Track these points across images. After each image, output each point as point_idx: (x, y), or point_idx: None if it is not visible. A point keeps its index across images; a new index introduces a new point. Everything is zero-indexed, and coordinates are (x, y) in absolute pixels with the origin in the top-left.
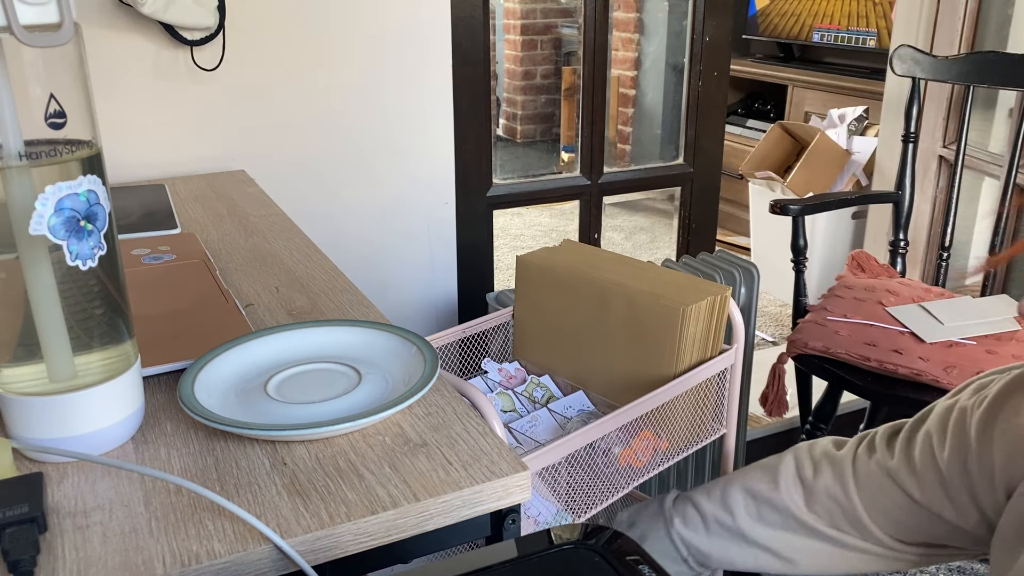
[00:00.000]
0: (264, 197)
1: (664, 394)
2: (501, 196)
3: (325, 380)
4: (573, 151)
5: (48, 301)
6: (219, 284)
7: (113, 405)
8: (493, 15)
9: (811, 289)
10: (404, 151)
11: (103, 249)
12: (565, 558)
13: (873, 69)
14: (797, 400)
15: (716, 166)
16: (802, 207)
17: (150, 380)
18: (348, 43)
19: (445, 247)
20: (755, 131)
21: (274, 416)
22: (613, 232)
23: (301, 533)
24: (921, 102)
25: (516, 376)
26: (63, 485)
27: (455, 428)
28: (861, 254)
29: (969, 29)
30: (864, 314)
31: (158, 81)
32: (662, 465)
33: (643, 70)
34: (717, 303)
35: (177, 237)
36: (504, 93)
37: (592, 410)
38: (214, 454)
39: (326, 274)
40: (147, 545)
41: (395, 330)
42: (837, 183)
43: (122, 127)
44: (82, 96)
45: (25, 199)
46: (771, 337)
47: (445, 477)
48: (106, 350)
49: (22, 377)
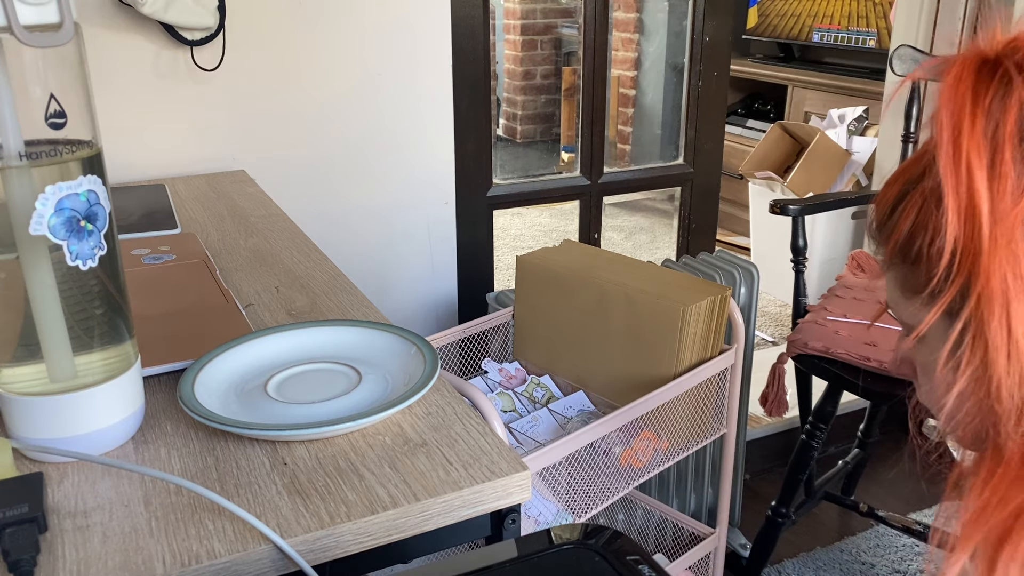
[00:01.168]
0: (264, 197)
1: (664, 394)
2: (501, 196)
3: (325, 380)
4: (573, 151)
5: (48, 301)
6: (219, 284)
7: (113, 405)
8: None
9: (811, 289)
10: (404, 151)
11: (103, 249)
12: (565, 558)
13: (873, 69)
14: (797, 400)
15: (716, 166)
16: (802, 207)
17: (150, 380)
18: (348, 43)
19: (445, 247)
20: (755, 131)
21: (274, 416)
22: (613, 232)
23: (301, 533)
24: (921, 102)
25: (516, 376)
26: (63, 485)
27: (455, 428)
28: (861, 254)
29: (969, 29)
30: (864, 314)
31: (158, 81)
32: (662, 465)
33: (643, 70)
34: (717, 303)
35: (177, 237)
36: (504, 93)
37: (592, 410)
38: (214, 454)
39: (326, 274)
40: (147, 545)
41: (395, 330)
42: (837, 183)
43: (122, 127)
44: (82, 96)
45: (25, 199)
46: (771, 337)
47: (445, 477)
48: (106, 350)
49: (22, 377)
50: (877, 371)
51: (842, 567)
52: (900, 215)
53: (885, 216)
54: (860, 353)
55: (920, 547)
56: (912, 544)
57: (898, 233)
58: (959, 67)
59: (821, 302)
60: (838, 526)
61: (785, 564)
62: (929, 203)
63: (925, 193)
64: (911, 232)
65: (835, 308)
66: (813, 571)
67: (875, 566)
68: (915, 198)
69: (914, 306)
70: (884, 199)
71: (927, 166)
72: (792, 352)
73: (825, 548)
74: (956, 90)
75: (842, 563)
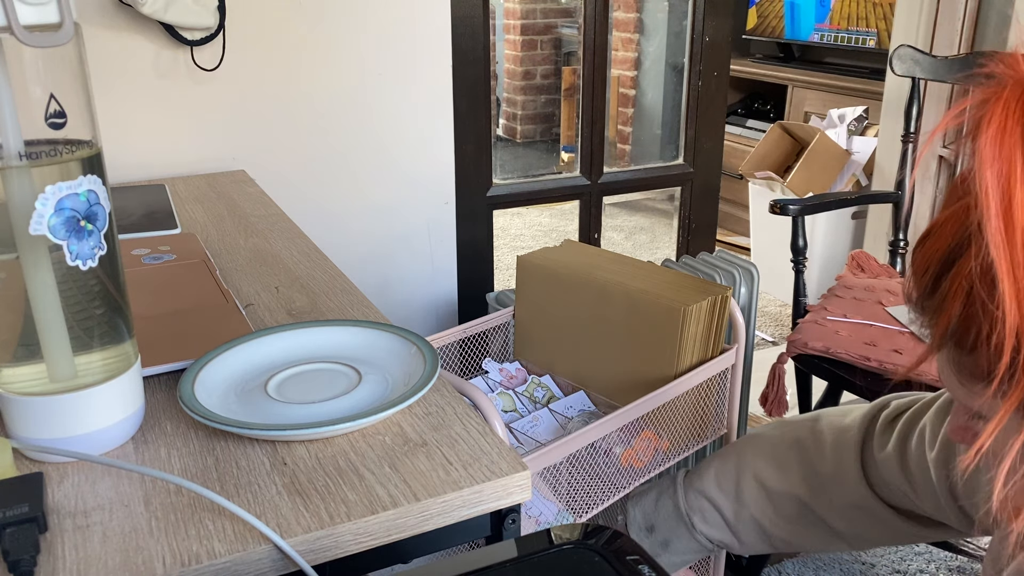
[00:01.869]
0: (264, 197)
1: (665, 394)
2: (501, 196)
3: (325, 380)
4: (573, 151)
5: (48, 301)
6: (219, 284)
7: (113, 405)
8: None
9: (811, 289)
10: (404, 151)
11: (103, 249)
12: (565, 558)
13: (873, 69)
14: (797, 400)
15: (716, 166)
16: (802, 207)
17: (150, 380)
18: (348, 43)
19: (445, 247)
20: (755, 131)
21: (274, 416)
22: (613, 232)
23: (301, 533)
24: (921, 102)
25: (517, 376)
26: (63, 485)
27: (455, 428)
28: (861, 254)
29: (969, 29)
30: (864, 314)
31: (158, 81)
32: (663, 465)
33: (643, 70)
34: (718, 303)
35: (177, 237)
36: (504, 93)
37: (593, 410)
38: (214, 454)
39: (326, 274)
40: (147, 545)
41: (395, 330)
42: (837, 183)
43: (122, 127)
44: (82, 96)
45: (25, 199)
46: (771, 337)
47: (445, 477)
48: (106, 350)
49: (22, 377)
50: (877, 371)
51: (842, 567)
52: (947, 296)
53: (927, 290)
54: (860, 353)
55: (920, 547)
56: (912, 544)
57: (947, 318)
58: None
59: (821, 302)
60: None
61: (785, 564)
62: (980, 287)
63: (974, 274)
64: (963, 320)
65: (835, 308)
66: (813, 571)
67: (875, 566)
68: (962, 278)
69: (974, 391)
70: (924, 267)
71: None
72: (792, 352)
73: None
74: (1001, 145)
75: (842, 563)
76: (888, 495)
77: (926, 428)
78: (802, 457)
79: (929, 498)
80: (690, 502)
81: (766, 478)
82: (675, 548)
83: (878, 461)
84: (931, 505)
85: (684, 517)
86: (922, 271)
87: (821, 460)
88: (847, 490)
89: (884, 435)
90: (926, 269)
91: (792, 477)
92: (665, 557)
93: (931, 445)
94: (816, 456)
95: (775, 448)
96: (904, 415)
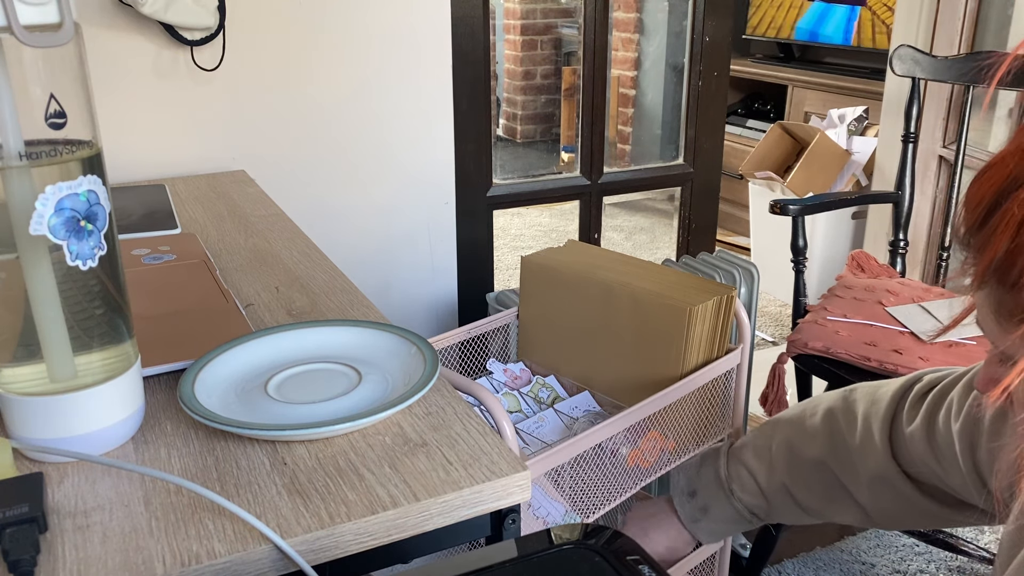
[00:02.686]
0: (264, 197)
1: (671, 394)
2: (501, 196)
3: (325, 380)
4: (573, 151)
5: (48, 301)
6: (219, 284)
7: (113, 405)
8: (493, 15)
9: (811, 289)
10: (404, 151)
11: (103, 249)
12: (565, 558)
13: (873, 69)
14: (797, 400)
15: (716, 166)
16: (802, 207)
17: (150, 380)
18: (348, 43)
19: (445, 247)
20: (755, 131)
21: (274, 416)
22: (613, 232)
23: (301, 533)
24: (921, 102)
25: (521, 376)
26: (63, 485)
27: (455, 428)
28: (861, 254)
29: (969, 29)
30: (864, 314)
31: (158, 81)
32: (669, 465)
33: (643, 70)
34: (723, 303)
35: (177, 237)
36: (504, 93)
37: (598, 410)
38: (214, 454)
39: (326, 274)
40: (147, 545)
41: (395, 330)
42: (837, 183)
43: (122, 127)
44: (82, 96)
45: (25, 199)
46: (771, 337)
47: (445, 477)
48: (106, 350)
49: (22, 377)
50: (877, 371)
51: (842, 567)
52: (997, 229)
53: (976, 223)
54: (860, 353)
55: (920, 547)
56: (912, 544)
57: (993, 251)
58: None
59: (821, 302)
60: (838, 526)
61: (785, 564)
62: None
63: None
64: (1010, 252)
65: (835, 308)
66: (813, 571)
67: (875, 566)
68: (1014, 209)
69: (1012, 334)
70: (976, 200)
71: None
72: (792, 352)
73: (825, 548)
74: None
75: (842, 563)
76: (915, 470)
77: (953, 401)
78: (833, 427)
79: (955, 472)
80: (731, 470)
81: (796, 443)
82: (713, 515)
83: (906, 435)
84: (957, 480)
85: (724, 484)
86: (975, 203)
87: (851, 430)
88: (873, 462)
89: (914, 408)
90: (979, 201)
91: (821, 444)
92: (704, 523)
93: (956, 416)
94: (846, 426)
95: (807, 416)
96: (935, 389)
